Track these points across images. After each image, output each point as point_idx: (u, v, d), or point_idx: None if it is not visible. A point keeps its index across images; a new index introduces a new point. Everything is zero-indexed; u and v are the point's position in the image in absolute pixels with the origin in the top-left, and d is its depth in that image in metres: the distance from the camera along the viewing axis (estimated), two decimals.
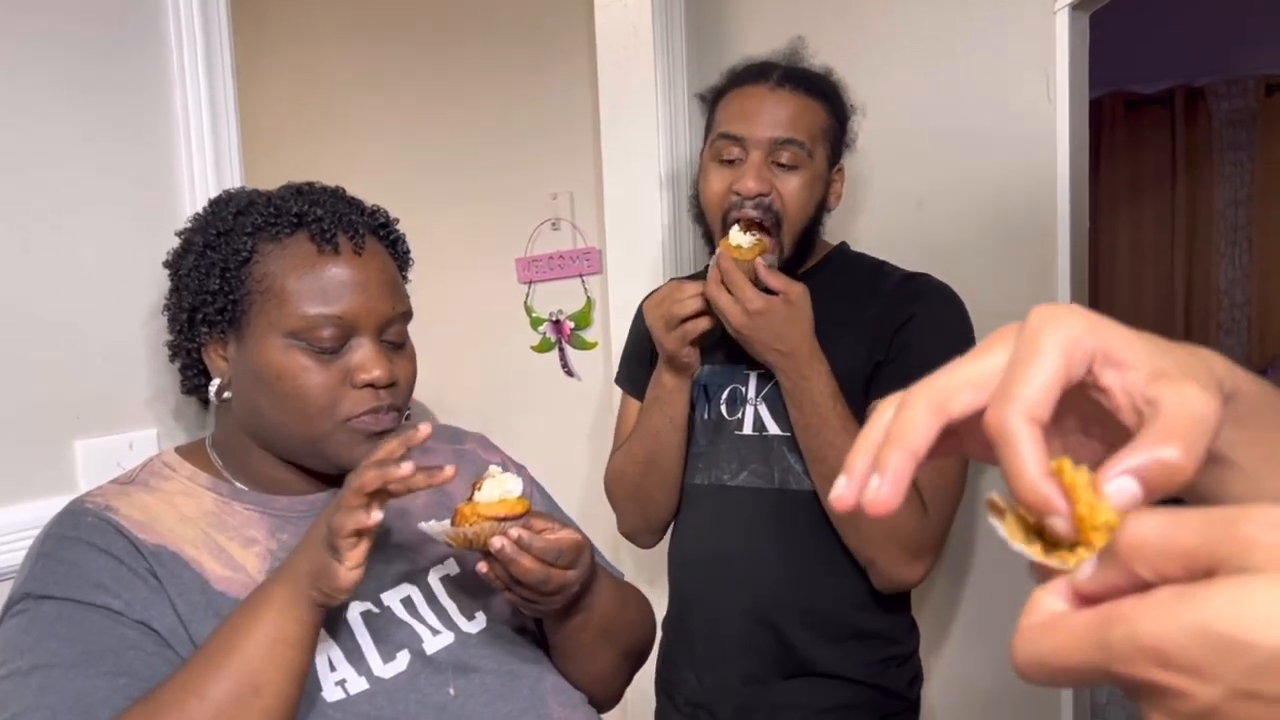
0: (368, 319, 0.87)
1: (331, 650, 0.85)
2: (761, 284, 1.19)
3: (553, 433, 2.24)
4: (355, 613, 0.88)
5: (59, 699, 0.71)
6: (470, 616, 0.94)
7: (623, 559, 1.81)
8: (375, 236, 0.93)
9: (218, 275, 0.87)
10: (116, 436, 1.06)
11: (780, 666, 1.28)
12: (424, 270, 1.09)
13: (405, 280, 0.98)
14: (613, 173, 1.89)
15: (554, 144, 2.19)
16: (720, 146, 1.28)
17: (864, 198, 1.76)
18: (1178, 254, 3.86)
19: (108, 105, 1.06)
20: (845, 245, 1.41)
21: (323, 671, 0.83)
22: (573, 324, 2.21)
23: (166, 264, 0.94)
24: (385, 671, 0.85)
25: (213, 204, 0.94)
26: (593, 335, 2.20)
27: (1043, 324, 0.37)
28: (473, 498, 0.83)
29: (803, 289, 1.20)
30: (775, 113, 1.26)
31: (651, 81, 1.79)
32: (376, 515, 0.74)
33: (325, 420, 0.86)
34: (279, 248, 0.87)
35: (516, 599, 0.86)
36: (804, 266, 1.34)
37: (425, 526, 0.85)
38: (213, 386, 0.91)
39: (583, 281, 2.19)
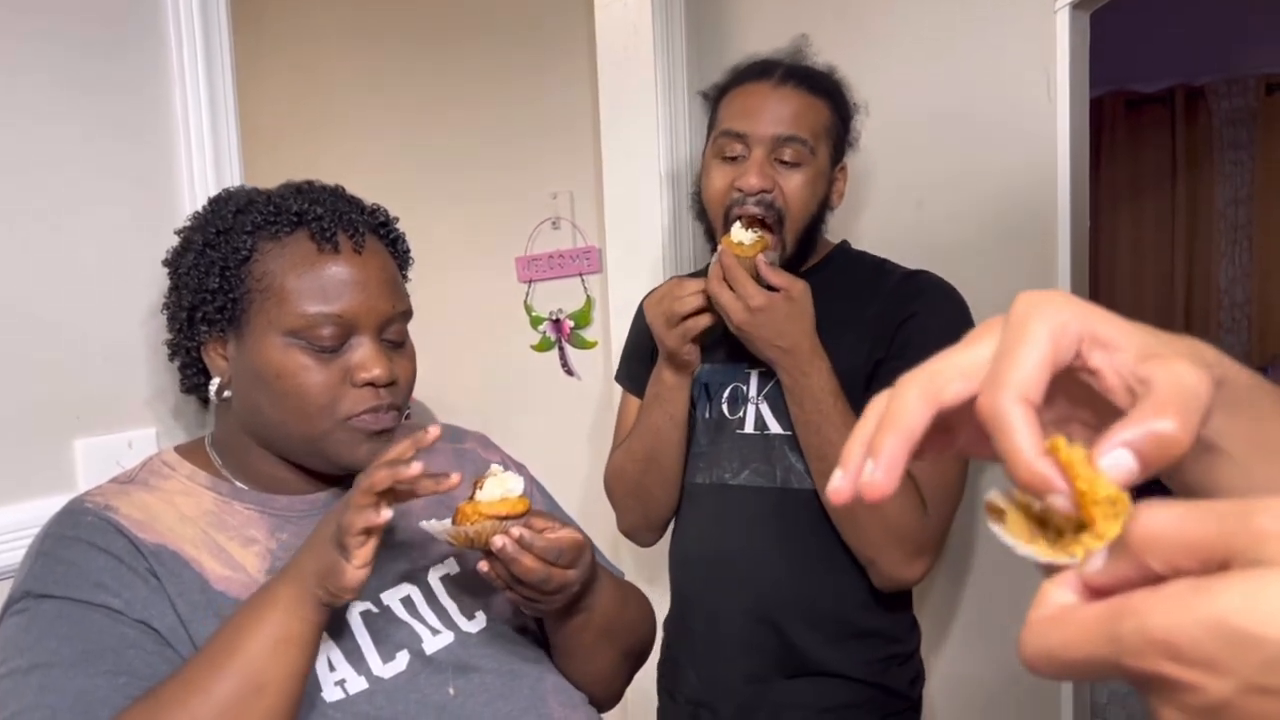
0: (367, 318, 0.87)
1: (331, 650, 0.84)
2: (763, 281, 1.18)
3: (553, 432, 2.24)
4: (355, 612, 0.88)
5: (59, 698, 0.71)
6: (470, 616, 0.94)
7: (623, 558, 1.81)
8: (375, 235, 0.93)
9: (217, 274, 0.87)
10: (116, 435, 1.06)
11: (782, 665, 1.28)
12: (424, 270, 1.09)
13: (405, 279, 0.98)
14: (613, 172, 1.88)
15: (554, 143, 2.19)
16: (723, 143, 1.28)
17: (864, 196, 1.76)
18: (1178, 253, 3.86)
19: (107, 105, 1.06)
20: (847, 244, 1.41)
21: (322, 671, 0.83)
22: (572, 323, 2.21)
23: (166, 263, 0.94)
24: (385, 671, 0.85)
25: (212, 202, 0.94)
26: (592, 334, 2.19)
27: (1029, 309, 0.37)
28: (474, 496, 0.83)
29: (804, 286, 1.20)
30: (778, 110, 1.26)
31: (651, 81, 1.79)
32: (386, 514, 0.74)
33: (325, 419, 0.86)
34: (278, 246, 0.87)
35: (517, 598, 0.85)
36: (806, 265, 1.33)
37: (426, 525, 0.84)
38: (212, 385, 0.91)
39: (582, 281, 2.19)
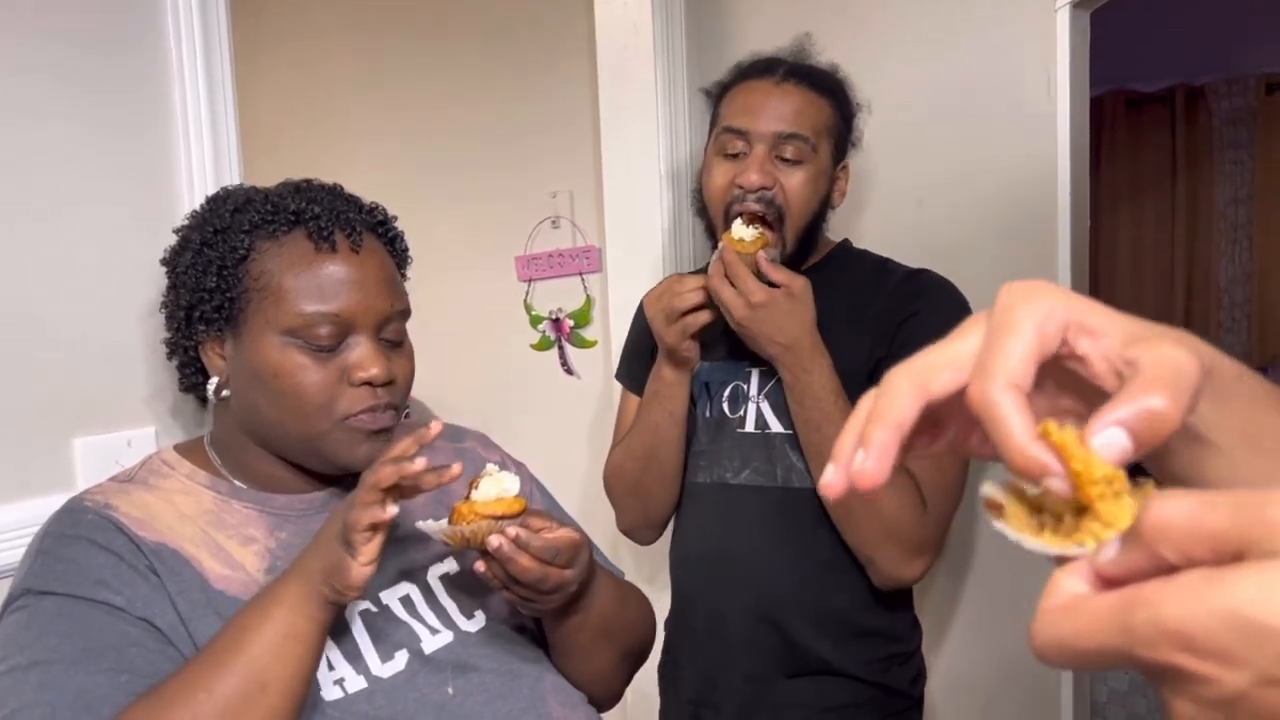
0: (365, 317, 0.87)
1: (330, 649, 0.84)
2: (764, 277, 1.18)
3: (552, 431, 2.23)
4: (354, 611, 0.88)
5: (59, 695, 0.71)
6: (469, 615, 0.94)
7: (622, 557, 1.81)
8: (373, 234, 0.93)
9: (215, 273, 0.86)
10: (115, 434, 1.05)
11: (783, 665, 1.28)
12: (424, 269, 1.09)
13: (404, 278, 0.98)
14: (612, 171, 1.88)
15: (554, 142, 2.19)
16: (724, 140, 1.28)
17: (865, 196, 1.75)
18: (1178, 252, 3.86)
19: (106, 102, 1.06)
20: (848, 242, 1.41)
21: (321, 671, 0.82)
22: (572, 322, 2.20)
23: (164, 261, 0.94)
24: (384, 671, 0.85)
25: (210, 201, 0.94)
26: (592, 334, 2.19)
27: (1015, 299, 0.37)
28: (470, 496, 0.83)
29: (805, 282, 1.19)
30: (780, 107, 1.26)
31: (651, 79, 1.79)
32: (392, 510, 0.74)
33: (323, 418, 0.86)
34: (276, 245, 0.86)
35: (514, 598, 0.85)
36: (807, 263, 1.33)
37: (423, 525, 0.84)
38: (210, 384, 0.91)
39: (582, 280, 2.19)
